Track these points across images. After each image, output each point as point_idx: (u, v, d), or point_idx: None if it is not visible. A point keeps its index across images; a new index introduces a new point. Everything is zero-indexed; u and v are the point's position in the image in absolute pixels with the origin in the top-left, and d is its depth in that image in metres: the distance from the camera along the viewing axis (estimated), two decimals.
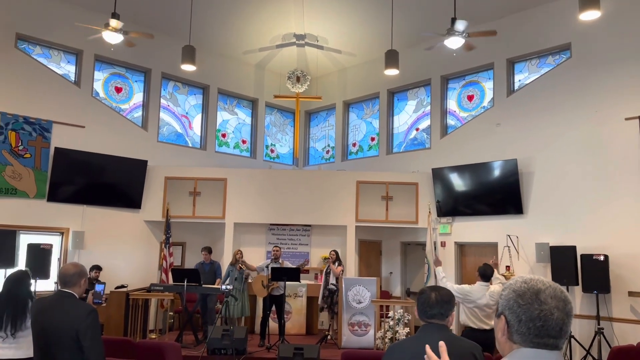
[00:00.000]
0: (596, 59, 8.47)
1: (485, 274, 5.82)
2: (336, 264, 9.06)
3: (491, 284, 5.93)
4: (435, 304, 2.56)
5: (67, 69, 9.98)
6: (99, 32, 7.95)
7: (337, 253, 9.25)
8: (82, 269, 3.32)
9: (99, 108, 10.09)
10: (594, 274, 7.67)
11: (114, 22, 7.71)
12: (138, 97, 11.04)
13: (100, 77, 10.48)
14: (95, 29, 8.01)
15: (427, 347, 1.61)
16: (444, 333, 2.53)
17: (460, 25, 7.35)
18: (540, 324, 1.34)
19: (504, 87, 9.81)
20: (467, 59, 10.08)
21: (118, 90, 10.74)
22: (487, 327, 5.70)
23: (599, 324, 7.58)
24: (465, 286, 5.92)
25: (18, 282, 4.16)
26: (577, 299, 8.13)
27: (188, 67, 9.46)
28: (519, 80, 9.80)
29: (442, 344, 1.59)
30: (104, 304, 7.98)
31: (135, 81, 11.03)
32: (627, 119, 7.98)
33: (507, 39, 9.64)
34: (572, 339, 7.83)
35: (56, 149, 9.24)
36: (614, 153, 8.06)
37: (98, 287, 6.55)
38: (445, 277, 6.33)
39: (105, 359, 3.16)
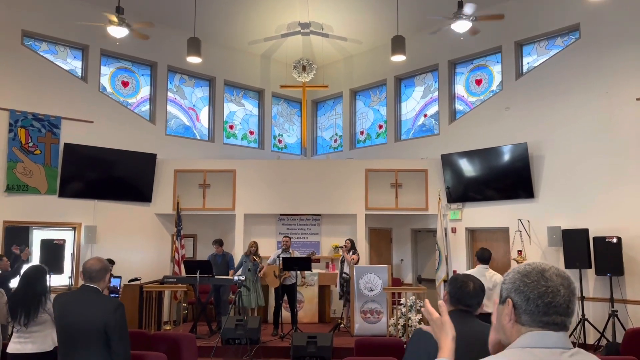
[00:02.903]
0: (605, 40, 8.35)
1: (483, 257, 6.03)
2: (351, 252, 9.04)
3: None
4: (474, 294, 2.58)
5: (73, 64, 10.01)
6: (104, 26, 7.95)
7: (352, 242, 9.23)
8: (106, 264, 3.38)
9: (106, 103, 10.12)
10: (607, 256, 7.62)
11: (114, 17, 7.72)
12: (145, 91, 11.05)
13: (106, 72, 10.50)
14: (100, 24, 8.02)
15: (426, 301, 1.66)
16: (477, 321, 2.57)
17: (468, 8, 7.27)
18: (548, 300, 1.35)
19: (512, 70, 9.70)
20: (474, 42, 9.98)
21: (125, 84, 10.76)
22: (490, 310, 5.70)
23: (612, 307, 7.55)
24: (466, 272, 6.03)
25: (35, 277, 4.22)
26: (591, 281, 8.10)
27: (194, 60, 9.45)
28: (528, 63, 9.69)
29: (441, 302, 1.65)
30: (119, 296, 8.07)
31: (142, 75, 11.03)
32: (638, 99, 7.88)
33: (515, 21, 9.52)
34: (586, 322, 7.81)
35: (65, 144, 9.29)
36: (625, 134, 7.97)
37: (114, 282, 6.59)
38: None
39: (130, 351, 3.20)
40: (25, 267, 4.78)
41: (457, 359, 1.59)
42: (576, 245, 7.93)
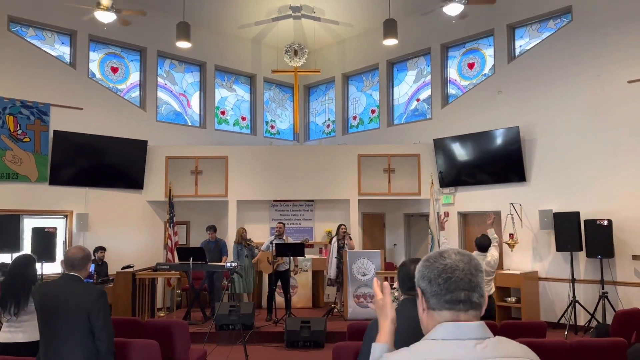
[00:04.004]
0: (598, 22, 8.31)
1: (482, 245, 5.93)
2: (349, 238, 9.14)
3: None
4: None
5: (61, 50, 9.86)
6: (92, 12, 7.83)
7: (346, 226, 9.31)
8: (88, 253, 3.39)
9: (96, 89, 10.00)
10: (597, 239, 7.68)
11: (105, 1, 7.59)
12: (135, 77, 10.92)
13: (95, 58, 10.36)
14: (87, 9, 7.89)
15: (375, 280, 1.68)
16: None
17: None
18: (447, 275, 1.36)
19: (504, 53, 9.66)
20: (466, 26, 9.92)
21: (114, 70, 10.63)
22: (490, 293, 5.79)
23: (603, 288, 7.63)
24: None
25: (24, 266, 4.19)
26: (581, 264, 8.17)
27: (183, 44, 9.35)
28: (520, 46, 9.64)
29: (386, 284, 1.62)
30: (94, 282, 8.10)
31: (131, 60, 10.90)
32: (630, 81, 7.87)
33: (507, 4, 9.45)
34: (577, 304, 7.90)
35: (55, 132, 9.20)
36: (617, 116, 7.98)
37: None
38: (447, 243, 6.34)
39: (113, 338, 3.21)
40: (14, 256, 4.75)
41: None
42: (567, 228, 7.98)
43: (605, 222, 7.64)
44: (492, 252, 5.99)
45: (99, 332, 3.09)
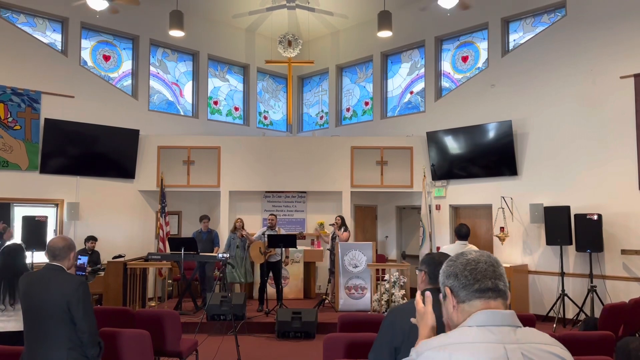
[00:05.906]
0: (591, 17, 8.34)
1: (461, 233, 6.06)
2: (342, 229, 9.04)
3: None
4: None
5: (53, 37, 9.74)
6: None
7: (342, 219, 9.21)
8: (70, 242, 3.33)
9: (87, 77, 9.91)
10: (587, 233, 7.75)
11: None
12: (127, 65, 10.83)
13: (87, 46, 10.25)
14: None
15: (418, 294, 1.76)
16: None
17: None
18: (471, 267, 1.46)
19: (498, 47, 9.67)
20: (461, 19, 9.91)
21: (106, 58, 10.52)
22: None
23: (592, 282, 7.71)
24: (443, 247, 6.09)
25: (14, 254, 4.16)
26: (571, 257, 8.24)
27: (176, 33, 9.28)
28: (514, 40, 9.65)
29: (428, 294, 1.70)
30: (86, 275, 8.07)
31: (124, 49, 10.79)
32: (622, 77, 7.91)
33: None
34: (566, 297, 7.98)
35: (46, 120, 9.11)
36: (609, 112, 8.02)
37: (81, 259, 6.58)
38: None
39: (96, 328, 3.20)
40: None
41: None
42: (558, 222, 8.04)
43: (595, 217, 7.71)
44: (473, 247, 6.14)
45: (79, 322, 3.07)
